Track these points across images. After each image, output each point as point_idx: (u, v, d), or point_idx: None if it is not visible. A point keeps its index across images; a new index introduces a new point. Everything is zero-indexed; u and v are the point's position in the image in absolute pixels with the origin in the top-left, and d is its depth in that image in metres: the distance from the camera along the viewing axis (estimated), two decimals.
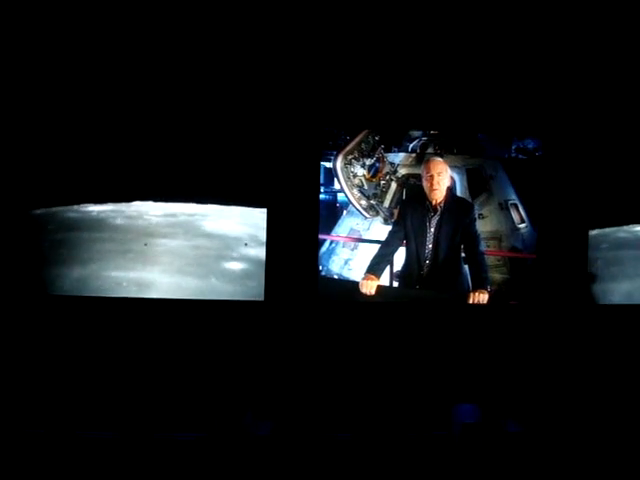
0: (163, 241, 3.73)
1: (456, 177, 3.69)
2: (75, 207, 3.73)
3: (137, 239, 3.72)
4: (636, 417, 3.13)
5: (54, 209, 3.74)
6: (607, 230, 3.78)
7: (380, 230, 3.73)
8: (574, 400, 3.46)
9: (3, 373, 3.45)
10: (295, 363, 3.63)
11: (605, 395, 3.48)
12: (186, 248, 3.71)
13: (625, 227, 3.79)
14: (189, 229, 3.72)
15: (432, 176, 3.60)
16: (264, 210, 3.69)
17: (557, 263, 3.72)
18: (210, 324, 3.64)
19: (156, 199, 3.74)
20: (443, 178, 3.60)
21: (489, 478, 2.75)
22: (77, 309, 3.57)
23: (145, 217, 3.74)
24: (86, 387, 3.47)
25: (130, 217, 3.73)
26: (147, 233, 3.73)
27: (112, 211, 3.74)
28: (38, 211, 3.73)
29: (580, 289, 3.72)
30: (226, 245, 3.73)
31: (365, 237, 3.76)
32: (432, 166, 3.61)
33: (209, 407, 3.30)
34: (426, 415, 3.40)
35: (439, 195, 3.62)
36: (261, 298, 3.64)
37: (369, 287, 3.63)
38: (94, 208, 3.74)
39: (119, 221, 3.73)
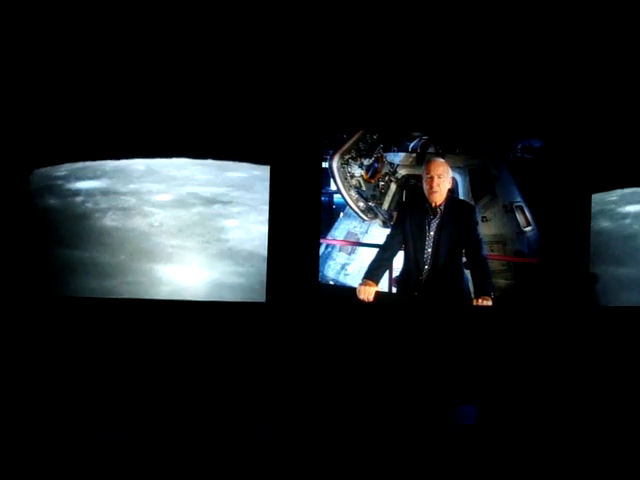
0: (167, 273, 2.84)
1: (458, 178, 3.56)
2: (59, 181, 2.88)
3: (130, 263, 2.84)
4: (636, 418, 3.19)
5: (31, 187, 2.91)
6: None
7: (379, 233, 3.60)
8: (574, 402, 3.42)
9: (8, 374, 3.42)
10: (297, 364, 3.57)
11: (605, 397, 3.43)
12: (201, 294, 2.96)
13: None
14: (207, 239, 2.95)
15: (432, 178, 3.45)
16: None
17: (560, 267, 3.60)
18: (211, 325, 3.56)
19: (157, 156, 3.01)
20: (444, 180, 3.46)
21: (490, 479, 2.77)
22: (77, 311, 3.48)
23: (146, 208, 2.89)
24: (87, 389, 3.42)
25: (126, 210, 2.86)
26: (146, 252, 2.91)
27: (104, 192, 2.80)
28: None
29: (582, 292, 3.62)
30: (260, 279, 3.00)
31: (363, 241, 3.63)
32: (432, 167, 3.47)
33: (210, 408, 3.32)
34: (427, 417, 3.34)
35: (439, 198, 3.48)
36: (262, 300, 3.54)
37: (367, 293, 3.51)
38: (82, 186, 2.90)
39: (110, 219, 2.85)
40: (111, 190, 2.90)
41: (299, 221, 3.57)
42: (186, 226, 2.95)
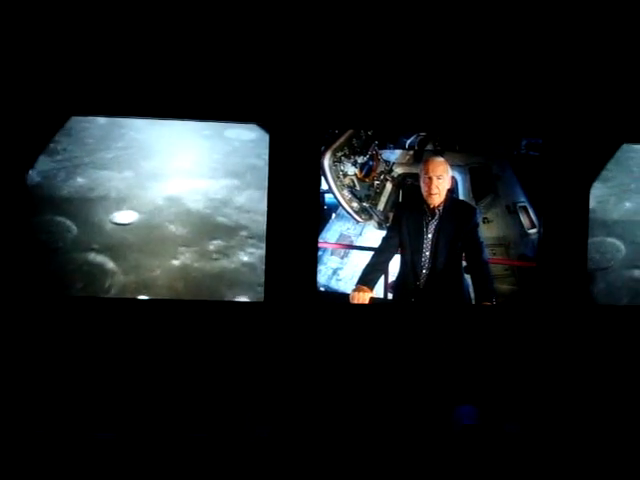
0: None
1: (458, 177, 3.39)
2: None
3: None
4: (636, 418, 3.20)
5: None
6: None
7: (374, 236, 3.44)
8: (573, 401, 3.40)
9: (6, 374, 3.37)
10: (296, 364, 3.49)
11: (604, 396, 3.39)
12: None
13: None
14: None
15: (431, 179, 3.31)
16: None
17: (563, 270, 3.47)
18: (209, 325, 3.47)
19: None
20: (443, 181, 3.31)
21: (489, 479, 2.79)
22: (74, 309, 3.40)
23: (93, 258, 2.05)
24: (86, 389, 3.38)
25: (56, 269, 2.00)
26: None
27: (37, 197, 1.94)
28: None
29: (582, 294, 3.51)
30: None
31: (357, 244, 3.47)
32: (431, 168, 3.32)
33: (209, 408, 3.30)
34: (426, 417, 3.32)
35: (437, 200, 3.33)
36: (261, 299, 3.43)
37: (361, 299, 3.38)
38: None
39: None
40: (45, 191, 1.72)
41: (297, 220, 3.45)
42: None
